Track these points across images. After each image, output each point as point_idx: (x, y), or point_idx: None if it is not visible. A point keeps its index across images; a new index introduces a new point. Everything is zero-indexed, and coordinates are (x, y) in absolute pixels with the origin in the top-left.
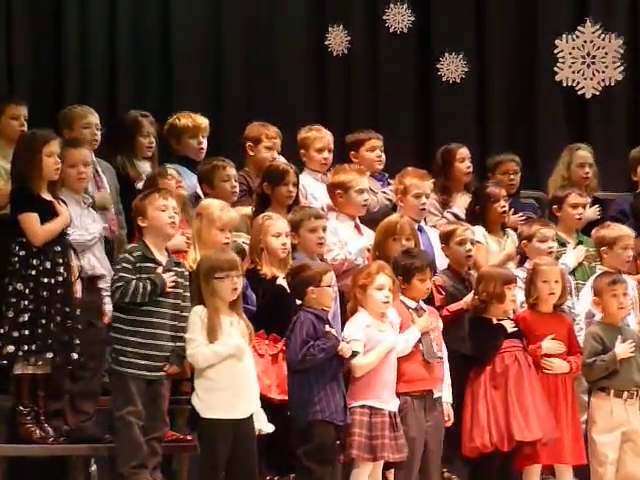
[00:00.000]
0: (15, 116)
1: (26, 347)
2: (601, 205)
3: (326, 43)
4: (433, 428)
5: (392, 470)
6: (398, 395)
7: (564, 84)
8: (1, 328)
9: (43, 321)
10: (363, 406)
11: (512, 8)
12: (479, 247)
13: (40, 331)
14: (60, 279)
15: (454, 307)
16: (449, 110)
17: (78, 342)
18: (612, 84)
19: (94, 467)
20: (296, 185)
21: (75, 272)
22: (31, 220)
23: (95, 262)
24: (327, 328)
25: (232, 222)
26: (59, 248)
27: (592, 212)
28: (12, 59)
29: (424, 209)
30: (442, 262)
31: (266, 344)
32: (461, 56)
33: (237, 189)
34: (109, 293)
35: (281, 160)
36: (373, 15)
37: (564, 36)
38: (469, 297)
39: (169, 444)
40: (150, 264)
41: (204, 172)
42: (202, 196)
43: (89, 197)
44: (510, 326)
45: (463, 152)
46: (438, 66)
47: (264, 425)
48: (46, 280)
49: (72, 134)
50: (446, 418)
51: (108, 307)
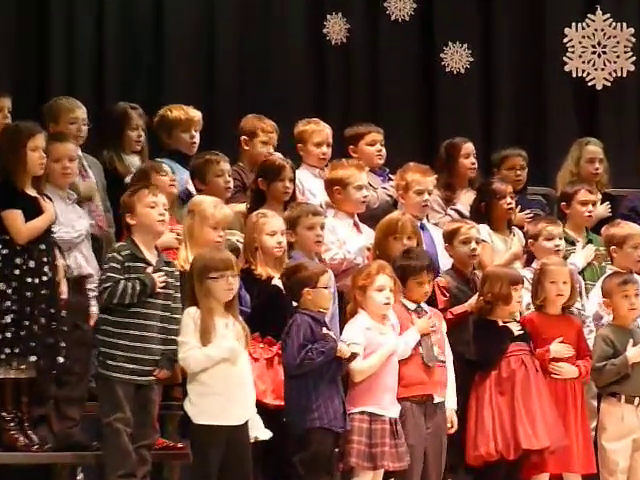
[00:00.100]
0: None
1: (9, 350)
2: (612, 202)
3: (324, 32)
4: (433, 435)
5: (392, 479)
6: (397, 400)
7: (573, 75)
8: None
9: (27, 323)
10: (363, 412)
11: None
12: (484, 246)
13: (24, 333)
14: (45, 279)
15: (458, 310)
16: (453, 102)
17: (64, 345)
18: (624, 75)
19: (81, 476)
20: (293, 181)
21: (61, 272)
22: (15, 217)
23: (82, 261)
24: (324, 330)
25: (226, 220)
26: (44, 246)
27: (602, 209)
28: None
29: (426, 206)
30: (446, 262)
31: (261, 347)
32: (466, 45)
33: (231, 185)
34: (96, 294)
35: (277, 155)
36: (373, 2)
37: (574, 25)
38: (474, 299)
39: (159, 452)
40: (139, 263)
41: (196, 167)
42: (194, 192)
43: (74, 193)
44: (516, 329)
45: (468, 147)
46: (442, 56)
47: (261, 432)
48: (30, 280)
49: (58, 128)
50: (449, 425)
51: (95, 309)
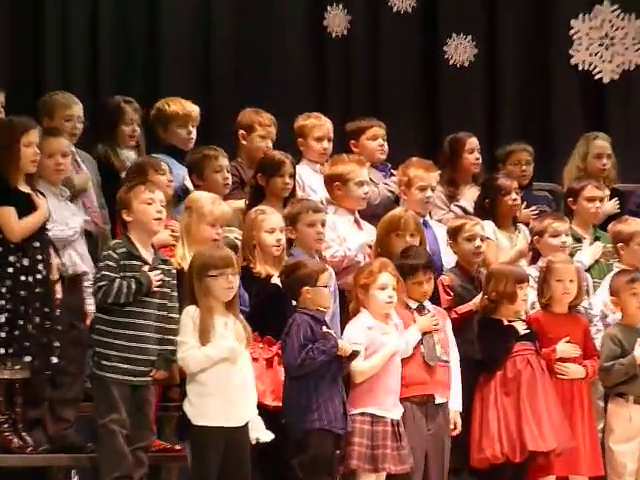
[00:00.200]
0: None
1: (3, 350)
2: (621, 198)
3: (324, 24)
4: (434, 437)
5: None
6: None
7: (580, 68)
8: None
9: (21, 322)
10: (363, 414)
11: None
12: (489, 243)
13: (18, 333)
14: (39, 277)
15: (462, 309)
16: (456, 96)
17: (58, 345)
18: (632, 68)
19: (75, 478)
20: (293, 176)
21: (55, 270)
22: (8, 214)
23: (77, 258)
24: (325, 329)
25: (224, 217)
26: (38, 244)
27: (610, 206)
28: None
29: (429, 202)
30: (449, 260)
31: (260, 347)
32: (470, 38)
33: (229, 181)
34: (92, 292)
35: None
36: None
37: (580, 16)
38: (478, 298)
39: (156, 454)
40: (135, 262)
41: (194, 162)
42: (191, 188)
43: (67, 190)
44: (522, 328)
45: (473, 142)
46: (445, 49)
47: (262, 434)
48: (24, 278)
49: (52, 123)
50: (452, 426)
51: (91, 308)
